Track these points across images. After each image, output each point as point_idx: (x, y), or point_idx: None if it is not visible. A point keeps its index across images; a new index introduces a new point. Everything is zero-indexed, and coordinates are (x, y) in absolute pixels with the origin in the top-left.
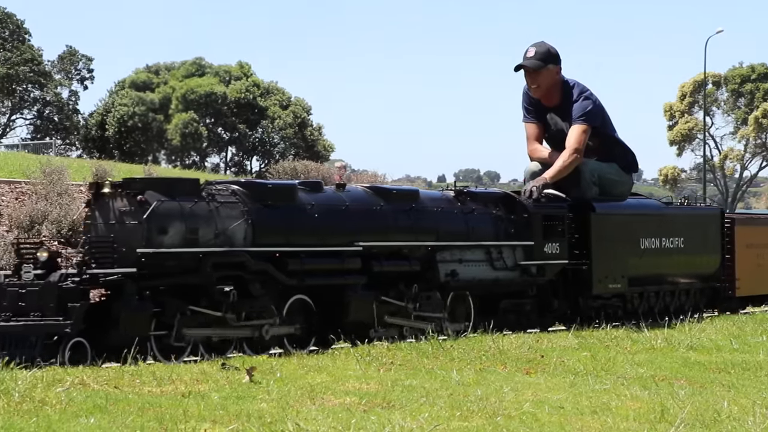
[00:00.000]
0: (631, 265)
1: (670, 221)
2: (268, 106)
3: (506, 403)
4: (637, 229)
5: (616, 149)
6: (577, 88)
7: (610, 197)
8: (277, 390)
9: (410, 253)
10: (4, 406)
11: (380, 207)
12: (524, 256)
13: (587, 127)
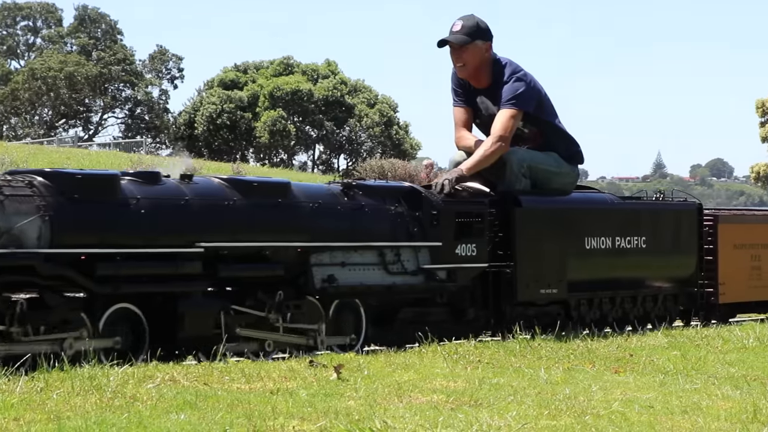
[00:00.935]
0: (572, 268)
1: (628, 218)
2: (355, 104)
3: (595, 402)
4: (580, 226)
5: (557, 138)
6: (509, 68)
7: (546, 191)
8: (364, 387)
9: (274, 256)
10: (96, 402)
11: (233, 202)
12: (430, 259)
13: (516, 112)
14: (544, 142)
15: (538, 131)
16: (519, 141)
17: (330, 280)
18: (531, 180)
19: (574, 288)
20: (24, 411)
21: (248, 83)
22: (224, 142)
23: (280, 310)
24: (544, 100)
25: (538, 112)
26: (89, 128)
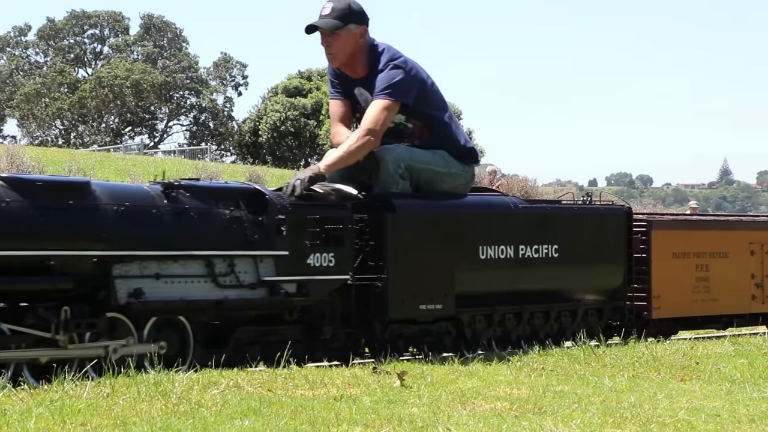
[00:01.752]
0: (463, 280)
1: (535, 224)
2: None
3: (660, 410)
4: (472, 233)
5: (447, 134)
6: (386, 54)
7: (432, 194)
8: (428, 394)
9: (63, 267)
10: (162, 408)
11: (7, 204)
12: (275, 270)
13: (391, 103)
14: (432, 138)
15: (424, 127)
16: (403, 137)
17: (137, 295)
18: (414, 182)
19: (467, 303)
20: (91, 416)
21: (312, 90)
22: (288, 150)
23: (67, 329)
24: (430, 91)
25: (420, 104)
26: (155, 135)
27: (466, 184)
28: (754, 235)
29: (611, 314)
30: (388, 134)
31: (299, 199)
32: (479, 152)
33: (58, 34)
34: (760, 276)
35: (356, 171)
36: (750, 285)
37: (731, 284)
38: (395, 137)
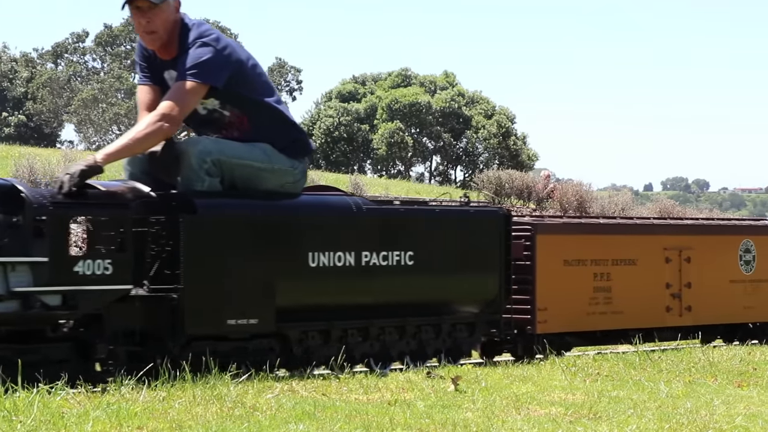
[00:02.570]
0: (288, 292)
1: (383, 228)
2: (473, 116)
3: (717, 416)
4: (299, 238)
5: (270, 124)
6: (195, 31)
7: (244, 192)
8: (482, 399)
9: None
10: (217, 411)
11: None
12: (32, 280)
13: (195, 86)
14: (253, 128)
15: (244, 115)
16: (220, 127)
17: None
18: (227, 179)
19: (294, 317)
20: (147, 420)
21: (366, 95)
22: (342, 154)
23: None
24: (250, 73)
25: (237, 88)
26: None
27: (295, 181)
28: (669, 240)
29: (486, 328)
30: (203, 124)
31: (67, 197)
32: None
33: (115, 40)
34: (677, 285)
35: (152, 166)
36: (665, 296)
37: (640, 295)
38: (211, 127)
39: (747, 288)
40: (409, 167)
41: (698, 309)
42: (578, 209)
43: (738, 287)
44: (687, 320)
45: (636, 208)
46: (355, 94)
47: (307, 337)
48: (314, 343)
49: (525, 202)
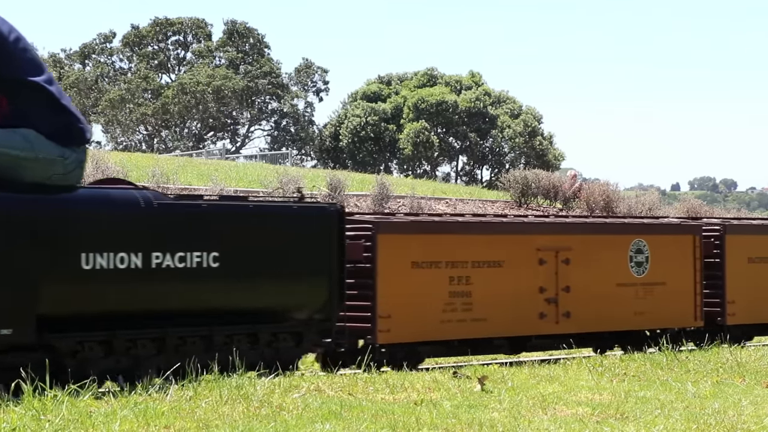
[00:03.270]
0: (54, 298)
1: (179, 227)
2: (499, 115)
3: (745, 416)
4: (68, 237)
5: (35, 106)
6: None
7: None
8: (508, 399)
9: None
10: (244, 411)
11: None
12: None
13: None
14: (14, 111)
15: (2, 96)
16: None
17: None
18: None
19: (65, 327)
20: (174, 419)
21: (392, 95)
22: (368, 154)
23: None
24: (12, 50)
25: None
26: (236, 140)
27: (67, 173)
28: (543, 240)
29: (317, 338)
30: None
31: None
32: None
33: (142, 40)
34: (552, 290)
35: None
36: (538, 301)
37: (507, 300)
38: None
39: (638, 292)
40: (435, 167)
41: (580, 315)
42: (605, 209)
43: (628, 291)
44: (566, 327)
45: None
46: (381, 94)
47: (83, 349)
48: (95, 356)
49: (551, 201)
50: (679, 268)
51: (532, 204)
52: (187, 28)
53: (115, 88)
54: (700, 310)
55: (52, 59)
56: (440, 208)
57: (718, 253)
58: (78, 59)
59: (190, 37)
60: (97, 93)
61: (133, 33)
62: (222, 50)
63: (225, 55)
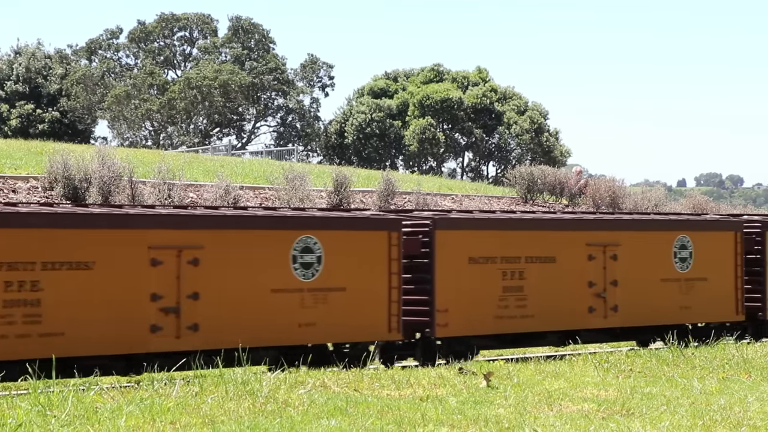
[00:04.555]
0: None
1: None
2: (505, 112)
3: (752, 413)
4: None
5: None
6: None
7: None
8: (514, 395)
9: None
10: (249, 407)
11: None
12: None
13: None
14: None
15: None
16: None
17: None
18: None
19: None
20: (180, 415)
21: (398, 91)
22: (374, 150)
23: None
24: None
25: None
26: (242, 136)
27: None
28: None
29: None
30: None
31: None
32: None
33: (148, 36)
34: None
35: None
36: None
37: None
38: None
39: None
40: (441, 163)
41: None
42: (611, 205)
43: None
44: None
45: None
46: (387, 90)
47: None
48: None
49: (557, 198)
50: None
51: (538, 200)
52: (193, 23)
53: (121, 83)
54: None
55: (59, 55)
56: (446, 204)
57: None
58: (84, 55)
59: (195, 32)
60: (103, 89)
61: (139, 29)
62: (228, 46)
63: (231, 51)
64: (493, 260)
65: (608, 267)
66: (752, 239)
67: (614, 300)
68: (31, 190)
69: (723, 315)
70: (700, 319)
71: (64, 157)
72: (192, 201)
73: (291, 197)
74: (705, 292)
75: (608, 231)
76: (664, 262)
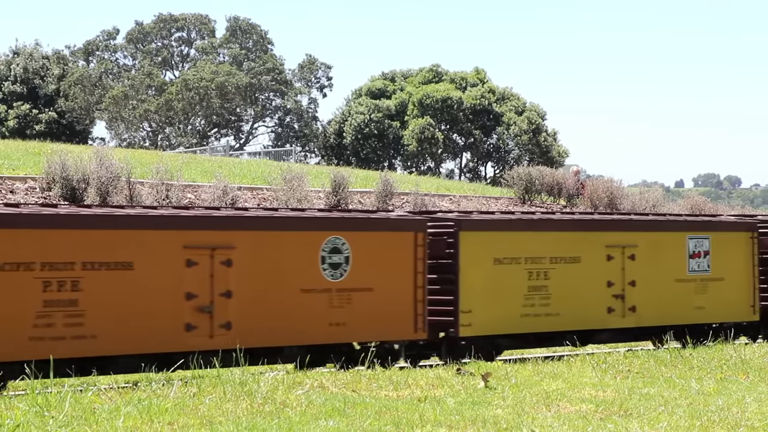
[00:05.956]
0: None
1: None
2: (504, 112)
3: (749, 413)
4: None
5: None
6: None
7: None
8: (512, 396)
9: None
10: (247, 407)
11: None
12: None
13: None
14: None
15: None
16: None
17: None
18: None
19: None
20: (178, 415)
21: (396, 92)
22: (372, 151)
23: None
24: None
25: None
26: (240, 137)
27: None
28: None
29: None
30: None
31: None
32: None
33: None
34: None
35: None
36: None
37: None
38: None
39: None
40: (439, 163)
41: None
42: (609, 205)
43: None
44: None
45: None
46: (386, 90)
47: None
48: None
49: (555, 198)
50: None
51: (536, 201)
52: (191, 24)
53: (118, 84)
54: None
55: (56, 56)
56: (444, 204)
57: None
58: (82, 56)
59: (193, 33)
60: (101, 90)
61: (136, 30)
62: (225, 47)
63: (228, 52)
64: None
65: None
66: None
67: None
68: (29, 190)
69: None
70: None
71: (62, 157)
72: (190, 201)
73: (289, 198)
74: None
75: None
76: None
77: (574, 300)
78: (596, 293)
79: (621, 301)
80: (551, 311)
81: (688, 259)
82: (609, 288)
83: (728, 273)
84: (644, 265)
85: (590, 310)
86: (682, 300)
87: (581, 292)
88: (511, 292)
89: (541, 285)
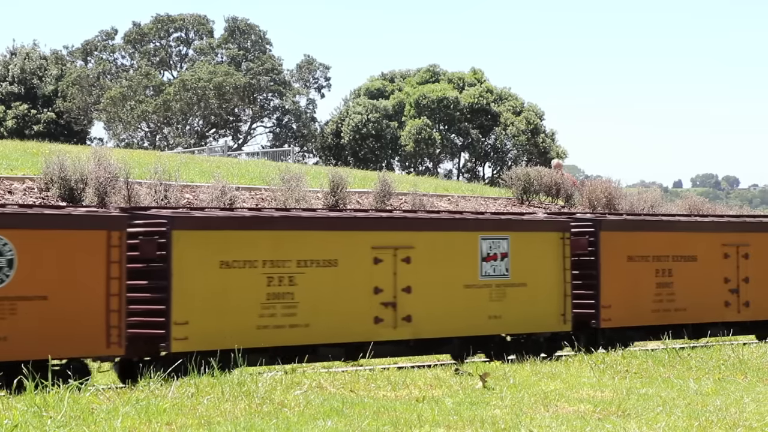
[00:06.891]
0: None
1: None
2: (501, 113)
3: (747, 414)
4: None
5: None
6: None
7: None
8: (510, 396)
9: None
10: (245, 408)
11: None
12: None
13: None
14: None
15: None
16: None
17: None
18: None
19: None
20: (176, 416)
21: (394, 92)
22: (370, 151)
23: None
24: None
25: None
26: (238, 137)
27: None
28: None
29: None
30: None
31: None
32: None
33: (144, 37)
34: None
35: None
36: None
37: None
38: None
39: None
40: (437, 164)
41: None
42: (607, 206)
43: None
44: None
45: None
46: (384, 91)
47: None
48: None
49: (553, 198)
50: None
51: (534, 201)
52: (189, 24)
53: (116, 85)
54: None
55: (54, 56)
56: (442, 205)
57: None
58: (80, 56)
59: (191, 33)
60: (99, 90)
61: (134, 30)
62: (223, 47)
63: (226, 52)
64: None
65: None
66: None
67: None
68: (27, 190)
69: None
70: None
71: (60, 157)
72: (188, 202)
73: (287, 198)
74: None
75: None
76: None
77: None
78: (360, 301)
79: (392, 309)
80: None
81: (481, 263)
82: (377, 295)
83: (533, 278)
84: (423, 268)
85: (352, 320)
86: (473, 308)
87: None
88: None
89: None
